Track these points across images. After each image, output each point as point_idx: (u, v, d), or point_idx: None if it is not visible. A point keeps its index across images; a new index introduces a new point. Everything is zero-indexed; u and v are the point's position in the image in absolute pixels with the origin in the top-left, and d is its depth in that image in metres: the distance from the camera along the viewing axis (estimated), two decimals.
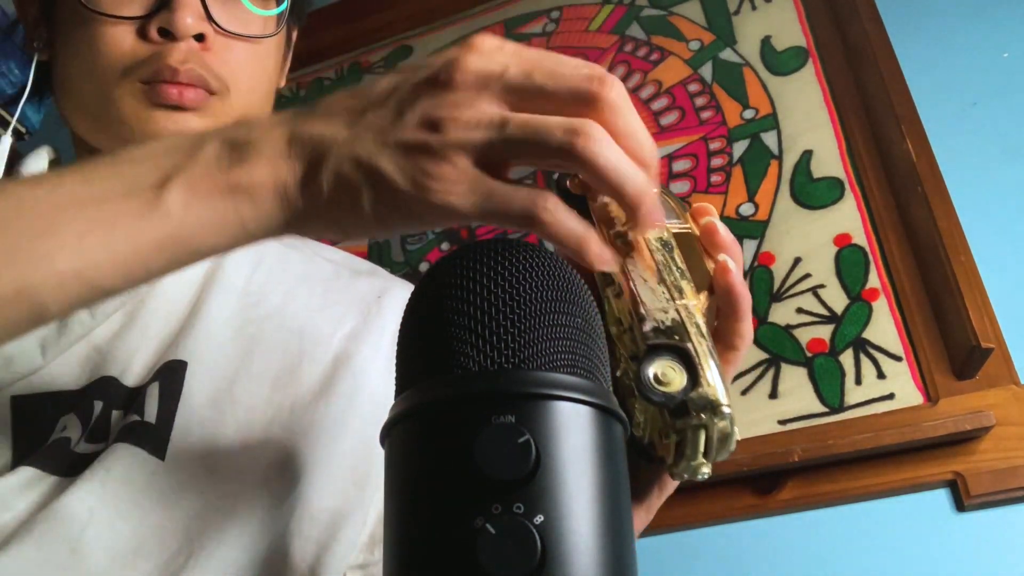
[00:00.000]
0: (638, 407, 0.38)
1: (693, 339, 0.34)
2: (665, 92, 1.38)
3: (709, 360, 0.34)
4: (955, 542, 0.96)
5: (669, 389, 0.33)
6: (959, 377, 1.01)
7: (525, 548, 0.27)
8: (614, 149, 0.36)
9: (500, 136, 0.35)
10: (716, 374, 0.34)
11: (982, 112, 1.18)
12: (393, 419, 0.32)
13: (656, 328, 0.35)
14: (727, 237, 0.44)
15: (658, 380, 0.33)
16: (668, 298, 0.37)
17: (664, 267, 0.39)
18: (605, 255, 0.36)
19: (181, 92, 0.60)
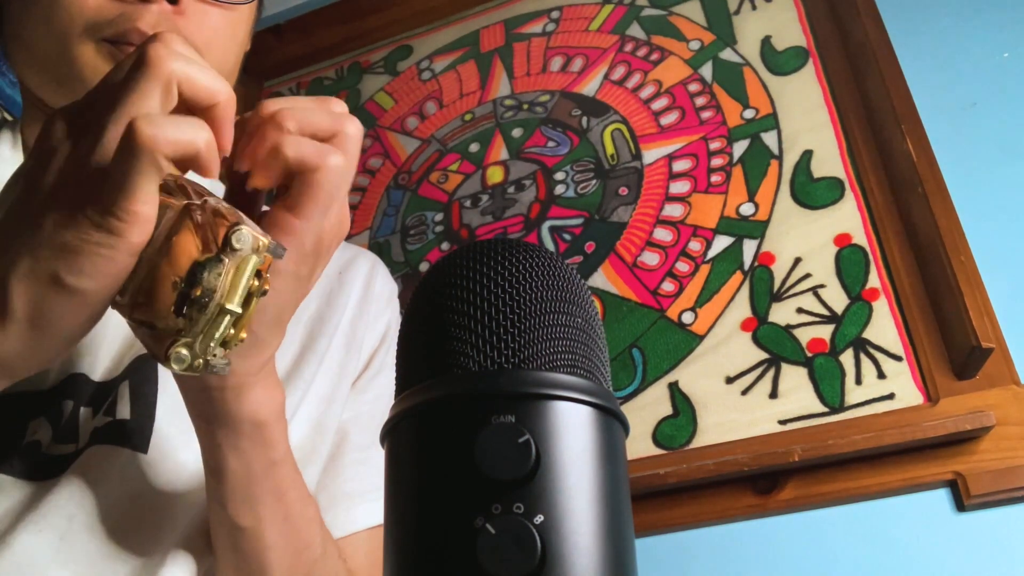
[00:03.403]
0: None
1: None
2: (665, 92, 1.38)
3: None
4: (955, 542, 0.96)
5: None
6: (959, 377, 1.01)
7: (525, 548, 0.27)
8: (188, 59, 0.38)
9: (100, 131, 0.36)
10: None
11: (982, 112, 1.18)
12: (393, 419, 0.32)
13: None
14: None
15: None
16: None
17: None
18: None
19: None
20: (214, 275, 0.35)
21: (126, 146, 0.35)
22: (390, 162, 1.54)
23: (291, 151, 0.39)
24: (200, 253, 0.36)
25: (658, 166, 1.31)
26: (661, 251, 1.24)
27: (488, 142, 1.47)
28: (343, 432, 0.67)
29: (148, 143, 0.34)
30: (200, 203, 0.37)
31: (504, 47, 1.58)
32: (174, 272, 0.36)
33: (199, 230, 0.36)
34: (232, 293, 0.35)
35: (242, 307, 0.36)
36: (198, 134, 0.36)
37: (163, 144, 0.34)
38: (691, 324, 1.17)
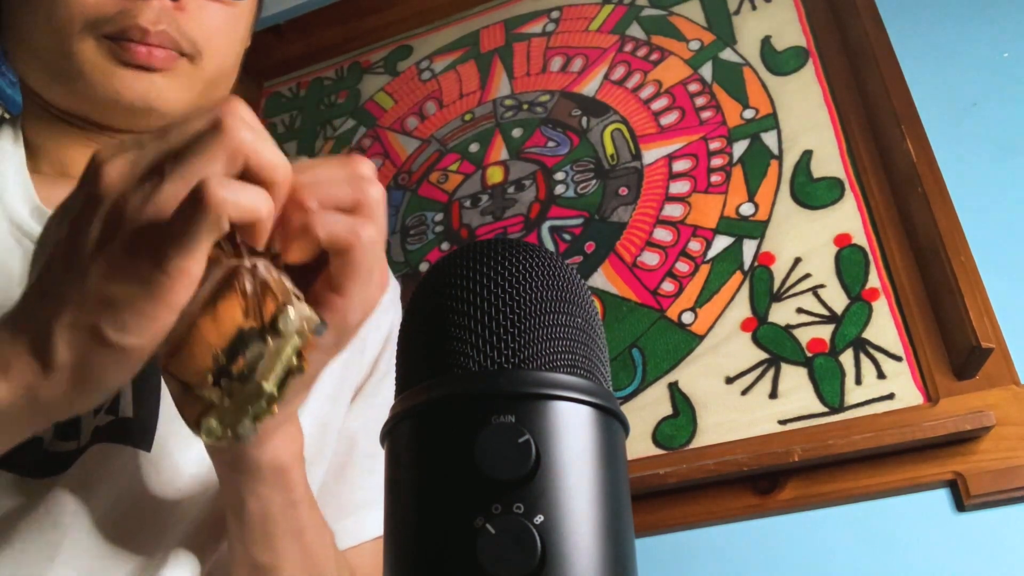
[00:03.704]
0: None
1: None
2: (665, 92, 1.38)
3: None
4: (955, 542, 0.96)
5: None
6: (959, 377, 1.01)
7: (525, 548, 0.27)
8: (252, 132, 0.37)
9: (164, 188, 0.36)
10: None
11: (982, 112, 1.18)
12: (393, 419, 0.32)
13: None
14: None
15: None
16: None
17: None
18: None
19: (150, 52, 0.58)
20: (255, 354, 0.36)
21: (193, 204, 0.35)
22: (390, 162, 1.54)
23: (322, 232, 0.39)
24: (244, 320, 0.36)
25: (658, 166, 1.31)
26: (661, 251, 1.24)
27: (488, 142, 1.47)
28: (352, 440, 0.67)
29: (218, 204, 0.34)
30: (250, 267, 0.37)
31: (504, 47, 1.58)
32: (217, 335, 0.36)
33: (245, 298, 0.37)
34: (270, 374, 0.36)
35: (278, 388, 0.36)
36: (263, 203, 0.36)
37: (231, 207, 0.35)
38: (691, 324, 1.17)
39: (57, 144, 0.64)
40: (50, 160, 0.64)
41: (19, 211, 0.58)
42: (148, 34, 0.57)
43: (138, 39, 0.57)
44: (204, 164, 0.36)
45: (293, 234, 0.39)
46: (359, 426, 0.67)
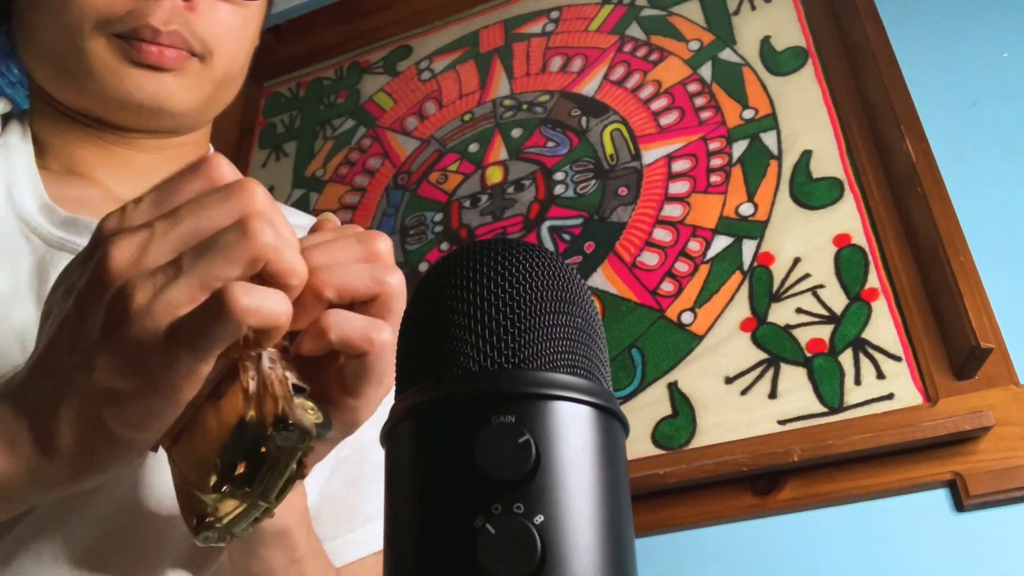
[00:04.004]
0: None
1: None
2: (665, 92, 1.38)
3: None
4: (955, 542, 0.96)
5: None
6: (959, 377, 1.01)
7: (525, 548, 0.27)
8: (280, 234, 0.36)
9: (179, 285, 0.35)
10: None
11: (982, 112, 1.18)
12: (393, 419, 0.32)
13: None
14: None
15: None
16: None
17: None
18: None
19: (161, 51, 0.58)
20: (253, 468, 0.34)
21: (213, 309, 0.34)
22: (389, 162, 1.54)
23: (335, 335, 0.37)
24: (246, 422, 0.35)
25: (657, 166, 1.31)
26: (660, 251, 1.24)
27: (487, 142, 1.47)
28: (363, 450, 0.66)
29: (240, 313, 0.33)
30: (255, 356, 0.36)
31: (504, 47, 1.58)
32: (219, 430, 0.36)
33: (247, 397, 0.35)
34: (269, 489, 0.35)
35: (277, 499, 0.36)
36: (284, 309, 0.35)
37: (251, 315, 0.34)
38: (690, 324, 1.17)
39: (65, 141, 0.64)
40: (58, 157, 0.64)
41: (28, 207, 0.58)
42: (159, 34, 0.57)
43: (149, 39, 0.57)
44: (225, 268, 0.34)
45: (305, 330, 0.38)
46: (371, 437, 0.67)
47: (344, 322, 0.38)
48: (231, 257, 0.34)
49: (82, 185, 0.62)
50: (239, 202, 0.35)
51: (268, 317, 0.34)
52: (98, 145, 0.63)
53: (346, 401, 0.40)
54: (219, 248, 0.35)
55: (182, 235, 0.35)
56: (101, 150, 0.64)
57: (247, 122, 1.73)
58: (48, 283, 0.55)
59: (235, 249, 0.34)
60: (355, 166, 1.57)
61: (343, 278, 0.38)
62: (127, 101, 0.59)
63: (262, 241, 0.35)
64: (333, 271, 0.38)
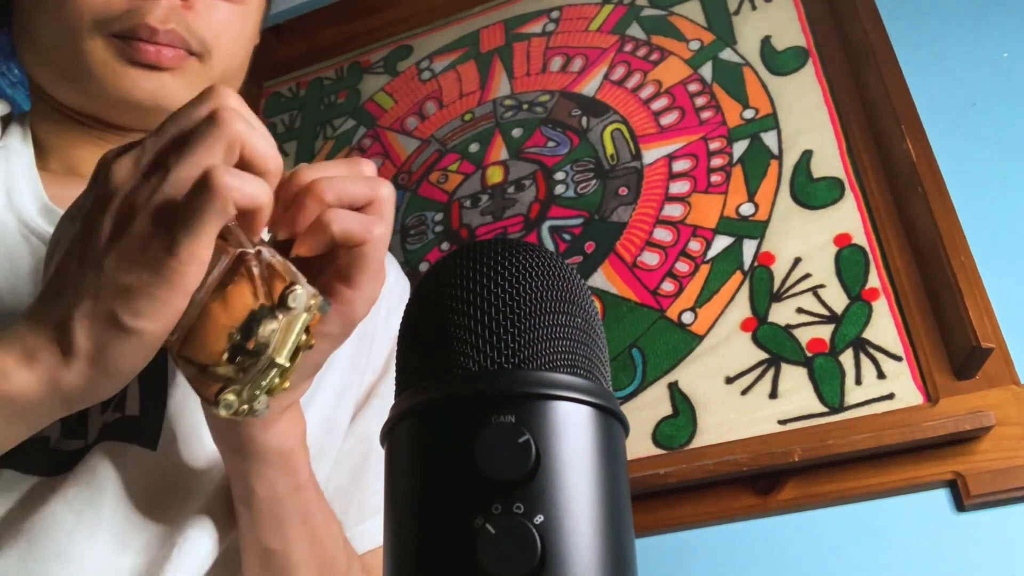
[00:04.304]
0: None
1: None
2: (665, 92, 1.38)
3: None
4: (955, 542, 0.96)
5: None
6: (959, 377, 1.01)
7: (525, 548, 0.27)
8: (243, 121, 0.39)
9: (169, 180, 0.38)
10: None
11: (982, 112, 1.18)
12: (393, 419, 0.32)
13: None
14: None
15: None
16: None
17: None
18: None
19: (159, 51, 0.58)
20: (268, 330, 0.38)
21: (201, 191, 0.37)
22: (390, 162, 1.54)
23: (337, 227, 0.41)
24: (254, 301, 0.38)
25: (658, 166, 1.31)
26: (661, 251, 1.24)
27: (488, 142, 1.47)
28: (368, 443, 0.66)
29: (223, 190, 0.37)
30: (255, 252, 0.39)
31: (504, 47, 1.58)
32: (229, 320, 0.39)
33: (253, 281, 0.39)
34: (282, 348, 0.38)
35: (290, 361, 0.39)
36: (264, 192, 0.39)
37: (237, 193, 0.37)
38: (691, 324, 1.17)
39: (66, 142, 0.64)
40: (59, 158, 0.64)
41: (28, 209, 0.59)
42: (157, 33, 0.58)
43: (147, 38, 0.58)
44: (206, 153, 0.38)
45: (308, 228, 0.42)
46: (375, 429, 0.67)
47: (345, 216, 0.42)
48: (208, 144, 0.38)
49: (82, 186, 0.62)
50: (210, 101, 0.39)
51: (251, 196, 0.38)
52: (98, 145, 0.64)
53: (344, 292, 0.44)
54: (196, 138, 0.38)
55: (165, 140, 0.39)
56: (101, 150, 0.63)
57: None
58: None
59: (209, 137, 0.38)
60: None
61: (342, 184, 0.42)
62: (126, 101, 0.59)
63: (234, 127, 0.38)
64: (332, 181, 0.42)
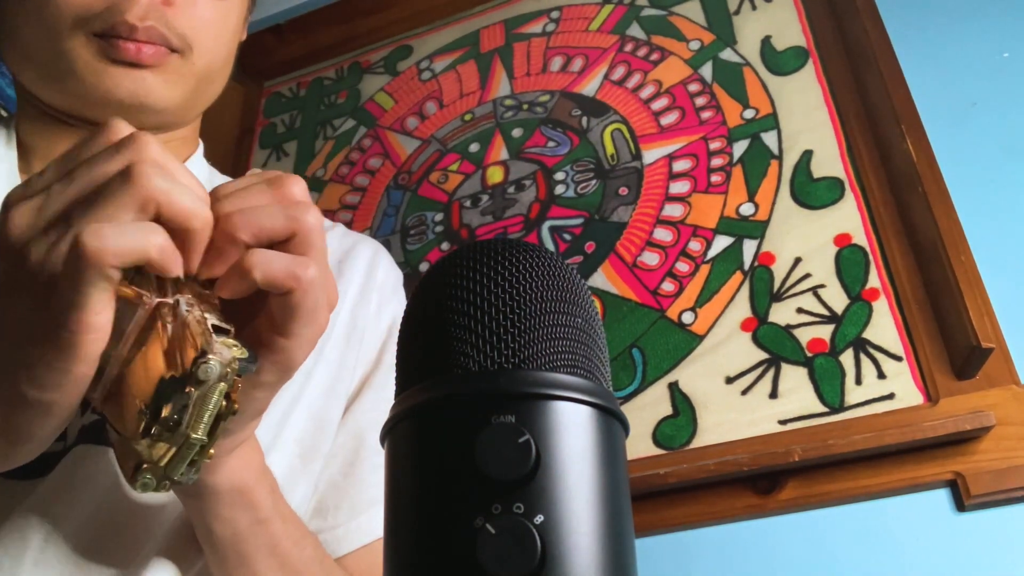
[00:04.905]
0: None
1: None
2: (665, 92, 1.38)
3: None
4: (955, 542, 0.96)
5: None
6: (959, 377, 1.01)
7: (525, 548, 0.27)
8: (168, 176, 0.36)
9: (68, 238, 0.35)
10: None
11: (982, 112, 1.18)
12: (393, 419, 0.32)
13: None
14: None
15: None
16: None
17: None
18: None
19: (139, 48, 0.58)
20: (179, 405, 0.34)
21: (72, 260, 0.33)
22: (390, 162, 1.54)
23: (259, 275, 0.37)
24: (165, 369, 0.35)
25: (658, 166, 1.31)
26: (661, 251, 1.24)
27: (488, 142, 1.47)
28: (360, 436, 0.66)
29: (94, 257, 0.33)
30: (172, 303, 0.36)
31: (504, 47, 1.58)
32: (146, 382, 0.35)
33: (167, 343, 0.35)
34: (198, 423, 0.35)
35: (209, 435, 0.35)
36: (149, 239, 0.34)
37: (110, 256, 0.33)
38: (691, 324, 1.17)
39: (50, 143, 0.63)
40: (43, 160, 0.63)
41: None
42: (136, 30, 0.57)
43: (126, 35, 0.57)
44: (114, 214, 0.34)
45: (226, 273, 0.38)
46: (368, 421, 0.67)
47: (266, 261, 0.37)
48: (118, 204, 0.34)
49: None
50: (127, 153, 0.35)
51: (131, 252, 0.34)
52: None
53: (277, 341, 0.40)
54: (105, 196, 0.34)
55: (74, 192, 0.35)
56: None
57: (247, 122, 1.73)
58: None
59: (120, 195, 0.34)
60: (355, 166, 1.57)
61: (258, 218, 0.37)
62: (107, 99, 0.59)
63: (149, 184, 0.34)
64: (246, 213, 0.37)
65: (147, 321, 0.36)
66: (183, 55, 0.61)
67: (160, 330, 0.36)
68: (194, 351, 0.34)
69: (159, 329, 0.36)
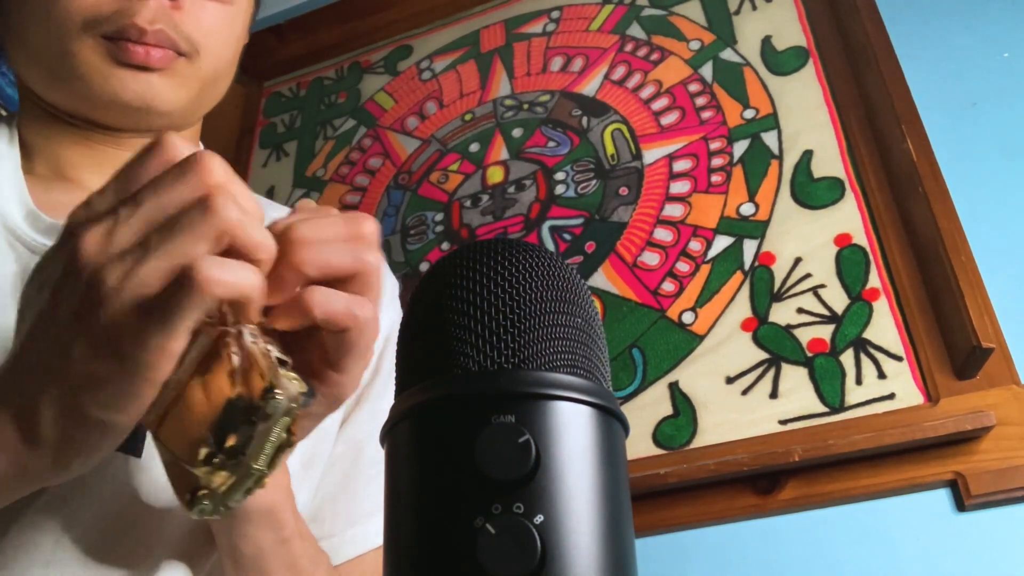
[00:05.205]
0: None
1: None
2: (665, 92, 1.38)
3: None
4: (955, 542, 0.96)
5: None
6: (959, 377, 1.01)
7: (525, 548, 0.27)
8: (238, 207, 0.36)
9: (147, 264, 0.35)
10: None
11: (982, 112, 1.18)
12: (393, 419, 0.32)
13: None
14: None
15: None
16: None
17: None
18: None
19: (148, 52, 0.58)
20: (245, 436, 0.35)
21: (180, 284, 0.34)
22: (390, 162, 1.54)
23: (318, 312, 0.38)
24: (233, 394, 0.36)
25: (658, 166, 1.31)
26: (661, 251, 1.24)
27: (488, 142, 1.47)
28: (359, 447, 0.66)
29: (205, 285, 0.34)
30: (235, 333, 0.37)
31: (504, 47, 1.58)
32: (207, 407, 0.36)
33: (232, 370, 0.36)
34: (259, 454, 0.36)
35: (268, 466, 0.36)
36: (253, 280, 0.36)
37: (219, 287, 0.34)
38: (691, 324, 1.17)
39: (53, 144, 0.63)
40: (45, 160, 0.63)
41: (13, 215, 0.58)
42: (145, 33, 0.57)
43: (135, 39, 0.57)
44: (192, 245, 0.35)
45: (286, 306, 0.38)
46: (365, 433, 0.67)
47: (328, 299, 0.38)
48: (197, 234, 0.35)
49: (68, 189, 0.62)
50: (198, 178, 0.36)
51: (236, 288, 0.35)
52: (86, 145, 0.63)
53: (329, 375, 0.41)
54: (184, 226, 0.35)
55: (145, 216, 0.36)
56: (89, 150, 0.63)
57: (247, 122, 1.73)
58: None
59: (200, 226, 0.35)
60: (356, 166, 1.57)
61: (327, 255, 0.38)
62: (114, 102, 0.59)
63: (225, 216, 0.35)
64: (316, 248, 0.38)
65: (210, 349, 0.37)
66: (190, 59, 0.61)
67: (225, 359, 0.37)
68: (261, 383, 0.35)
69: (224, 358, 0.37)
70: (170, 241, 0.35)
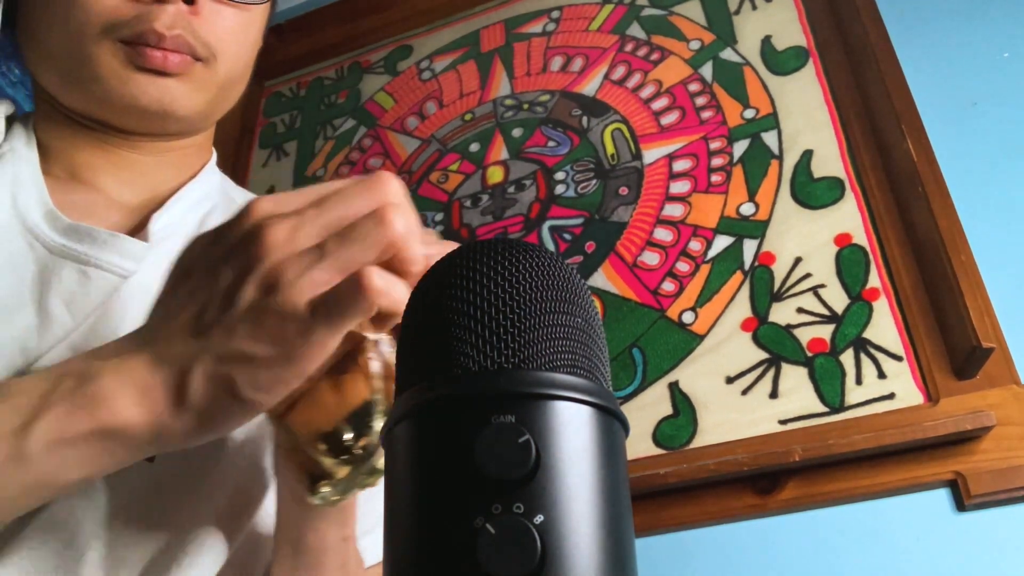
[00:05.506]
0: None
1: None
2: (665, 92, 1.38)
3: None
4: (955, 542, 0.96)
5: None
6: (960, 377, 1.01)
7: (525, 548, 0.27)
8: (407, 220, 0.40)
9: (323, 266, 0.39)
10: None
11: (982, 112, 1.18)
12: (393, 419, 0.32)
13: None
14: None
15: None
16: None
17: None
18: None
19: (166, 57, 0.58)
20: (374, 436, 0.39)
21: (352, 288, 0.37)
22: (390, 162, 1.54)
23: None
24: (370, 397, 0.39)
25: (658, 166, 1.31)
26: (661, 251, 1.24)
27: (488, 142, 1.47)
28: None
29: (372, 293, 0.37)
30: (374, 341, 0.40)
31: (504, 47, 1.58)
32: (338, 404, 0.40)
33: (369, 374, 0.40)
34: (381, 456, 0.39)
35: None
36: (405, 296, 0.38)
37: (382, 297, 0.37)
38: (691, 324, 1.17)
39: (69, 146, 0.64)
40: (62, 162, 0.64)
41: (32, 215, 0.59)
42: (164, 38, 0.58)
43: (154, 43, 0.58)
44: (366, 251, 0.39)
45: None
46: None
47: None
48: (370, 243, 0.39)
49: (85, 191, 0.62)
50: (377, 193, 0.40)
51: (395, 301, 0.38)
52: (102, 148, 0.64)
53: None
54: (359, 235, 0.39)
55: (328, 221, 0.39)
56: (105, 153, 0.64)
57: (248, 121, 1.73)
58: (50, 290, 0.55)
59: (373, 236, 0.39)
60: (356, 166, 1.57)
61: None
62: (132, 106, 0.60)
63: (396, 229, 0.39)
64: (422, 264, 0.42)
65: (349, 353, 0.40)
66: (207, 64, 0.61)
67: (363, 363, 0.40)
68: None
69: (362, 361, 0.40)
70: (346, 246, 0.39)
